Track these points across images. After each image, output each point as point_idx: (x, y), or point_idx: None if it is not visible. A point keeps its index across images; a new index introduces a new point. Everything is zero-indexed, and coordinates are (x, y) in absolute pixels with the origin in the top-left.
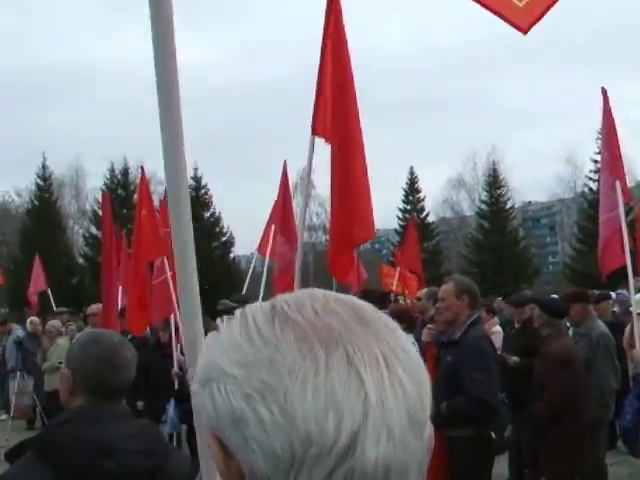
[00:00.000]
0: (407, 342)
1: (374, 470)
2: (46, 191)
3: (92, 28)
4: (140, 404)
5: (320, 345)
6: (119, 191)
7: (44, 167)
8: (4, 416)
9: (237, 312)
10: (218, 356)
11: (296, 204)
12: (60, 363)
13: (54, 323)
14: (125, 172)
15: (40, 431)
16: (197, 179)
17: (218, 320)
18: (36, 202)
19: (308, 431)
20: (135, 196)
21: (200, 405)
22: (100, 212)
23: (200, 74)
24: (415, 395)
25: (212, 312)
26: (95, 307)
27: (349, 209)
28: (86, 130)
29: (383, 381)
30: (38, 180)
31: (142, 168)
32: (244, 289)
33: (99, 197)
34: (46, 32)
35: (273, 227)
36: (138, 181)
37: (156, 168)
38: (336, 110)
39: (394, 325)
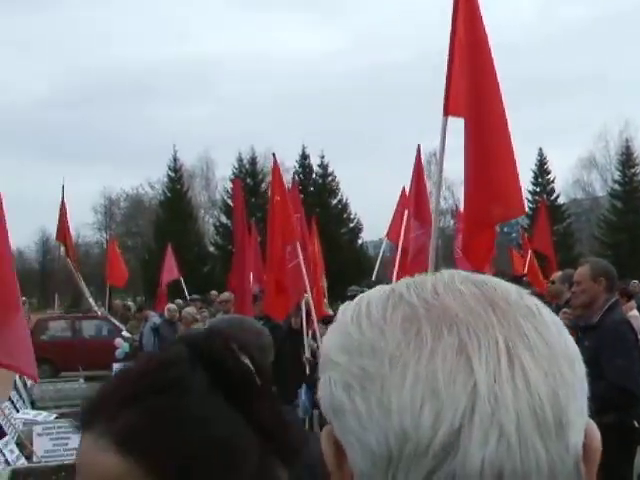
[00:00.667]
0: (552, 329)
1: (479, 476)
2: (177, 182)
3: (220, 25)
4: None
5: (430, 327)
6: (247, 180)
7: (175, 159)
8: None
9: (357, 299)
10: (330, 343)
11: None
12: None
13: (190, 310)
14: (253, 161)
15: None
16: (324, 166)
17: (340, 307)
18: (168, 194)
19: (403, 426)
20: (263, 184)
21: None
22: (230, 201)
23: (327, 61)
24: (546, 390)
25: (342, 298)
26: (226, 294)
27: (488, 187)
28: (215, 122)
29: (500, 371)
30: (169, 172)
31: (274, 155)
32: (374, 275)
33: (228, 187)
34: (175, 29)
35: (406, 212)
36: (266, 170)
37: (284, 156)
38: (473, 86)
39: (539, 309)
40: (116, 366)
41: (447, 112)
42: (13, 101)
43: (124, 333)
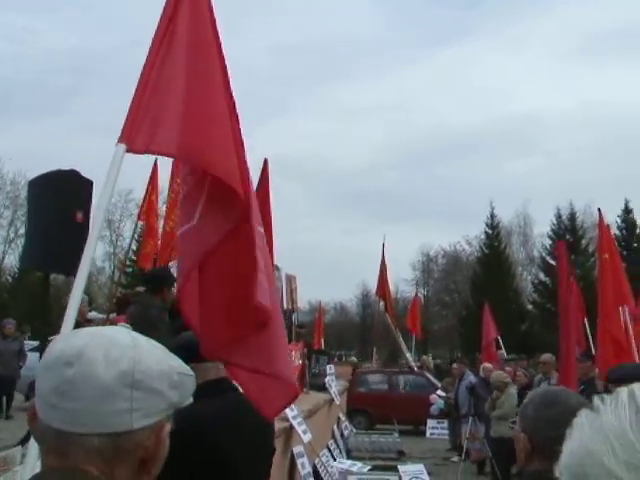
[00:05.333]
0: None
1: None
2: (495, 239)
3: (539, 80)
4: None
5: None
6: (567, 237)
7: (492, 216)
8: (455, 458)
9: (624, 392)
10: (600, 448)
11: None
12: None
13: (498, 375)
14: (572, 217)
15: None
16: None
17: (596, 399)
18: (485, 250)
19: None
20: (583, 241)
21: None
22: (548, 259)
23: None
24: None
25: None
26: (547, 356)
27: None
28: (532, 178)
29: None
30: (487, 229)
31: (599, 211)
32: None
33: (547, 243)
34: (502, 85)
35: None
36: (586, 226)
37: (603, 211)
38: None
39: None
40: (430, 422)
41: None
42: (338, 170)
43: (439, 391)
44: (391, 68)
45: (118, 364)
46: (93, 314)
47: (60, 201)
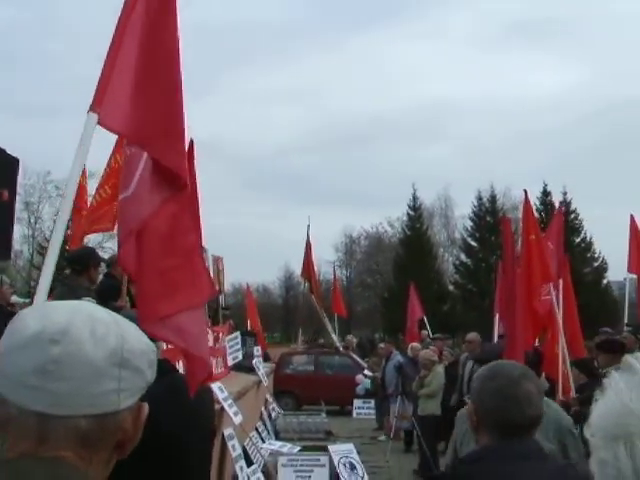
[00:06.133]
0: None
1: None
2: (417, 221)
3: (455, 66)
4: None
5: None
6: (487, 218)
7: (414, 198)
8: (383, 437)
9: None
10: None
11: None
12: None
13: (425, 354)
14: (492, 199)
15: (453, 465)
16: (566, 204)
17: (627, 358)
18: (408, 232)
19: None
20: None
21: (604, 459)
22: (469, 240)
23: (566, 96)
24: None
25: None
26: (473, 335)
27: None
28: (454, 162)
29: None
30: (409, 211)
31: (525, 192)
32: (625, 316)
33: (468, 225)
34: (420, 71)
35: None
36: (506, 208)
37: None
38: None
39: None
40: (356, 402)
41: None
42: (257, 153)
43: (366, 371)
44: (308, 52)
45: (106, 342)
46: (14, 298)
47: None
